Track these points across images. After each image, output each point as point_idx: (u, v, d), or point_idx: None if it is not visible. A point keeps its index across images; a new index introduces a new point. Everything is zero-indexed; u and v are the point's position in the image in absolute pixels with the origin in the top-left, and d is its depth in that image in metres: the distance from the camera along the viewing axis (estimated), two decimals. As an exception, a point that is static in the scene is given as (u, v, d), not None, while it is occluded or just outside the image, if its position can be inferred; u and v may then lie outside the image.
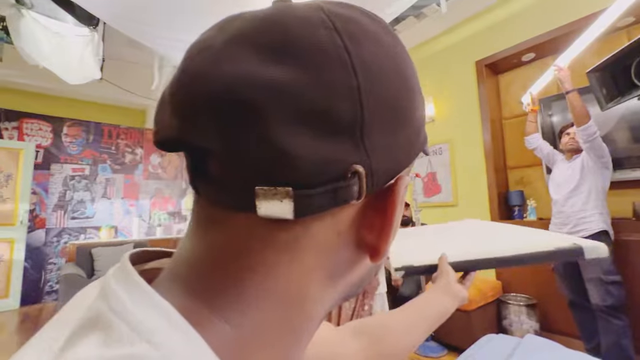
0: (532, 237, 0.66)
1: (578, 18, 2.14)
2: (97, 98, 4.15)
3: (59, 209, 3.84)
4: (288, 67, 0.16)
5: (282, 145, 0.15)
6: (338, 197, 0.16)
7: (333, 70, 0.16)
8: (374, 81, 0.17)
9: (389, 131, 0.18)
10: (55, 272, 3.73)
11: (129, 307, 0.16)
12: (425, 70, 3.14)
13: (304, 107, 0.16)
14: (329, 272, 0.20)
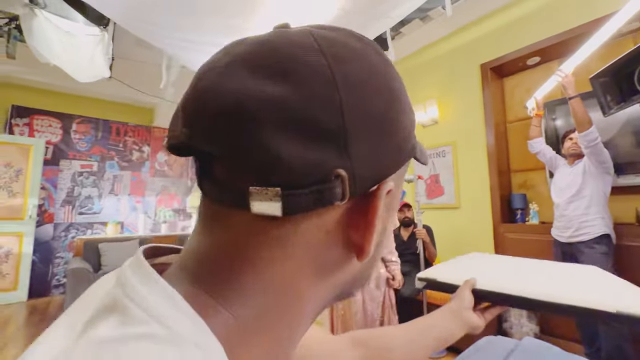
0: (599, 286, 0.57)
1: (584, 22, 2.13)
2: (106, 96, 4.22)
3: (67, 204, 3.91)
4: (280, 84, 0.19)
5: (274, 150, 0.18)
6: (323, 198, 0.18)
7: (317, 86, 0.19)
8: (356, 95, 0.20)
9: (373, 140, 0.20)
10: (63, 266, 3.81)
11: (143, 294, 0.18)
12: (430, 72, 3.14)
13: (293, 118, 0.18)
14: (319, 268, 0.22)
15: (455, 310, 0.50)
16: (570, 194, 1.82)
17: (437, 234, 2.76)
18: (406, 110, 0.23)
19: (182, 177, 4.83)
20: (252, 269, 0.20)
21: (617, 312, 0.43)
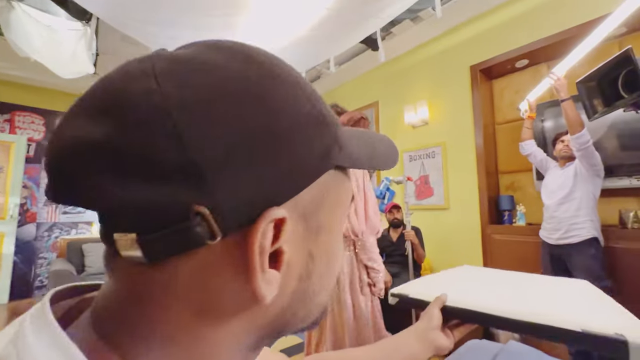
0: (574, 306, 0.55)
1: (572, 26, 2.15)
2: (91, 92, 4.10)
3: (50, 203, 3.81)
4: (106, 123, 0.16)
5: (117, 196, 0.16)
6: (188, 239, 0.16)
7: (146, 117, 0.16)
8: (202, 117, 0.16)
9: (242, 166, 0.17)
10: (46, 266, 3.71)
11: (35, 351, 0.16)
12: (420, 73, 3.15)
13: (125, 158, 0.16)
14: (215, 312, 0.19)
15: (421, 331, 0.50)
16: (561, 195, 1.83)
17: (426, 235, 2.77)
18: (302, 121, 0.20)
19: (170, 175, 4.75)
20: (148, 318, 0.18)
21: (582, 330, 0.41)
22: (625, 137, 1.97)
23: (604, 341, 0.39)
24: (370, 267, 1.33)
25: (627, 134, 1.96)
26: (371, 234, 1.36)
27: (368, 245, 1.34)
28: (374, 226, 1.36)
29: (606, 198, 2.01)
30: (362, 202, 1.34)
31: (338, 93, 4.21)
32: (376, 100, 3.59)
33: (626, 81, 1.33)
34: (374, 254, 1.35)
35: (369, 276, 1.33)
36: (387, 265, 2.57)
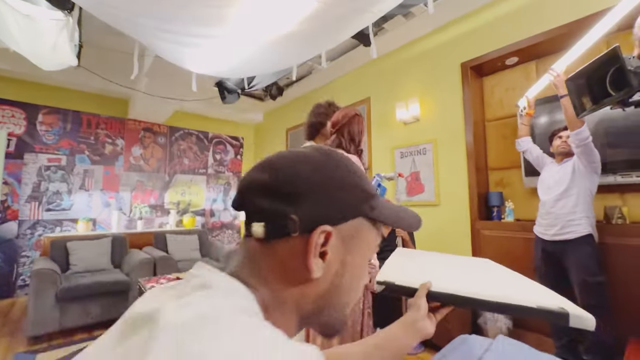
0: (526, 289, 0.65)
1: (560, 24, 2.18)
2: (76, 85, 3.97)
3: (33, 200, 3.69)
4: (265, 174, 0.37)
5: (259, 205, 0.37)
6: (284, 230, 0.35)
7: (282, 175, 0.37)
8: (303, 179, 0.37)
9: (313, 201, 0.36)
10: (29, 265, 3.59)
11: (219, 279, 0.34)
12: (412, 70, 3.14)
13: (269, 189, 0.36)
14: (292, 275, 0.36)
15: (410, 322, 0.55)
16: (558, 191, 1.83)
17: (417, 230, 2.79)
18: (346, 188, 0.39)
19: (159, 171, 4.66)
20: (262, 271, 0.36)
21: (537, 307, 0.53)
22: (611, 134, 2.00)
23: (551, 314, 0.53)
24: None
25: (613, 131, 1.99)
26: None
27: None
28: None
29: (592, 194, 2.06)
30: None
31: (330, 88, 4.18)
32: (368, 96, 3.58)
33: (614, 79, 1.34)
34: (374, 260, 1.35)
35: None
36: (378, 260, 2.58)
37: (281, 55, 2.16)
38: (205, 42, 1.94)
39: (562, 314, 0.52)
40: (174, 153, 4.83)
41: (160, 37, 2.00)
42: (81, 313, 2.47)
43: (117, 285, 2.61)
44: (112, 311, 2.60)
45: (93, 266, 2.93)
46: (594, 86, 1.39)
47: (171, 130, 4.83)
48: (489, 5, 2.58)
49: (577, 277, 1.71)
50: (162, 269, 2.94)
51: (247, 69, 2.46)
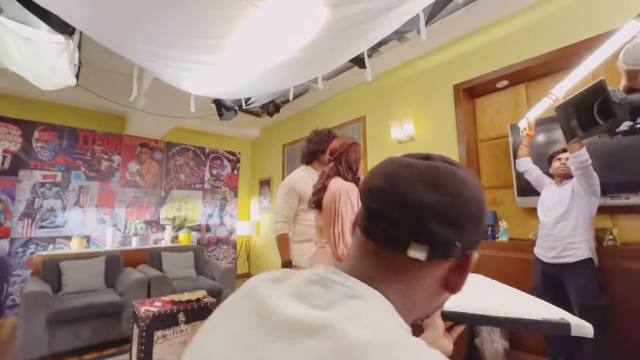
0: (527, 304, 0.70)
1: (549, 50, 2.26)
2: (73, 102, 3.99)
3: (26, 217, 3.65)
4: (438, 194, 0.37)
5: (431, 228, 0.36)
6: (447, 255, 0.37)
7: (456, 202, 0.37)
8: (469, 205, 0.38)
9: (471, 228, 0.38)
10: (20, 284, 3.52)
11: (370, 295, 0.36)
12: (406, 90, 3.22)
13: (442, 213, 0.36)
14: (430, 292, 0.40)
15: (431, 341, 0.56)
16: (558, 214, 1.84)
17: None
18: (483, 218, 0.41)
19: (155, 187, 4.64)
20: (400, 283, 0.38)
21: (543, 319, 0.58)
22: (601, 157, 2.05)
23: (556, 325, 0.58)
24: None
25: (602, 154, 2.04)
26: None
27: None
28: None
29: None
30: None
31: (326, 106, 4.25)
32: (363, 114, 3.64)
33: (600, 109, 1.38)
34: None
35: None
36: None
37: (278, 79, 2.21)
38: (204, 67, 1.98)
39: (565, 324, 0.57)
40: (170, 168, 4.83)
41: (159, 63, 2.04)
42: (72, 336, 2.42)
43: (110, 307, 2.57)
44: (104, 334, 2.55)
45: (86, 286, 2.88)
46: (582, 115, 1.43)
47: (168, 146, 4.85)
48: (480, 30, 2.67)
49: (577, 300, 1.71)
50: (156, 289, 2.90)
51: (245, 91, 2.50)
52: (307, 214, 1.80)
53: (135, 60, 2.13)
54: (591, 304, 1.67)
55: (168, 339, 2.02)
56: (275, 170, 5.15)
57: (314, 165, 1.91)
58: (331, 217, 1.36)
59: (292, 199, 1.77)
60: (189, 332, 2.11)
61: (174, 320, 2.06)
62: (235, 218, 5.49)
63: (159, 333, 1.98)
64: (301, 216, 1.80)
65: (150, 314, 1.97)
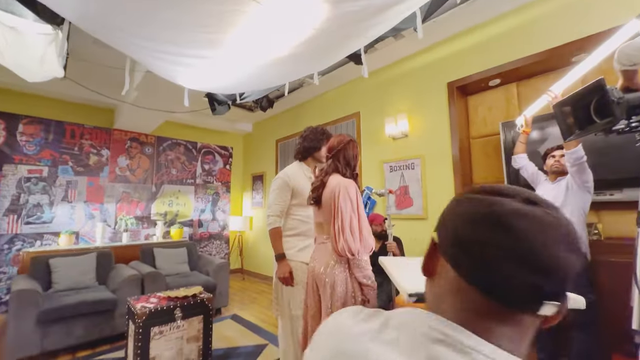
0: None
1: (541, 50, 2.31)
2: (60, 95, 3.87)
3: (11, 213, 3.54)
4: (578, 258, 0.36)
5: (567, 287, 0.35)
6: (560, 312, 0.36)
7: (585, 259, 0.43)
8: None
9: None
10: (6, 282, 3.43)
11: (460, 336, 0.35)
12: (401, 87, 3.24)
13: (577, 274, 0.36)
14: (528, 340, 0.38)
15: None
16: None
17: (406, 244, 2.86)
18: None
19: (145, 182, 4.56)
20: (515, 334, 0.37)
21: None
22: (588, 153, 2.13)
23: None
24: (365, 284, 1.34)
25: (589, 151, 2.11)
26: (365, 252, 1.37)
27: (363, 263, 1.35)
28: (368, 245, 1.38)
29: (569, 211, 2.18)
30: (357, 221, 1.36)
31: (320, 102, 4.24)
32: (357, 110, 3.66)
33: (597, 107, 1.40)
34: (368, 271, 1.36)
35: (363, 293, 1.35)
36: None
37: (275, 75, 2.20)
38: (201, 62, 1.95)
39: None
40: (161, 163, 4.75)
41: (154, 56, 1.99)
42: (64, 334, 2.38)
43: (103, 304, 2.53)
44: (97, 331, 2.52)
45: (77, 284, 2.83)
46: (579, 113, 1.45)
47: (159, 141, 4.76)
48: (475, 29, 2.71)
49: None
50: (150, 285, 2.88)
51: (240, 87, 2.48)
52: (299, 209, 1.82)
53: (128, 52, 2.07)
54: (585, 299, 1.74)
55: (165, 335, 2.01)
56: (268, 166, 5.13)
57: (308, 162, 1.94)
58: (331, 214, 1.38)
59: (286, 194, 1.79)
60: (185, 328, 2.11)
61: (171, 316, 2.05)
62: (228, 213, 5.46)
63: (156, 329, 1.98)
64: (293, 210, 1.82)
65: (146, 310, 1.96)
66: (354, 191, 1.40)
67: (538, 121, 2.35)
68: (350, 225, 1.34)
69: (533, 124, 2.37)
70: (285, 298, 1.73)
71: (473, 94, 2.90)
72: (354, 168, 1.50)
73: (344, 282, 1.35)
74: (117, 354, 2.40)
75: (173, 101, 3.45)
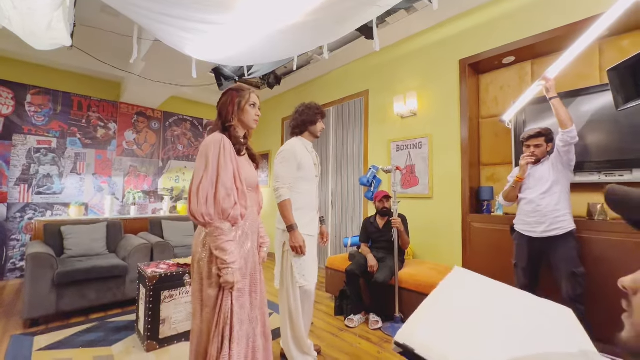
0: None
1: (558, 26, 2.24)
2: (66, 66, 3.85)
3: (22, 182, 3.61)
4: None
5: None
6: None
7: None
8: None
9: None
10: (19, 249, 3.55)
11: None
12: (411, 64, 3.18)
13: None
14: None
15: None
16: (543, 189, 1.90)
17: (410, 222, 2.88)
18: None
19: (152, 157, 4.60)
20: None
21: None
22: (598, 133, 2.11)
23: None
24: (218, 257, 1.15)
25: (602, 130, 2.09)
26: (222, 219, 1.17)
27: (217, 232, 1.15)
28: (225, 211, 1.16)
29: (576, 192, 2.18)
30: (209, 183, 1.16)
31: (326, 80, 4.18)
32: (366, 89, 3.61)
33: None
34: (222, 242, 1.15)
35: (218, 268, 1.16)
36: (374, 250, 2.67)
37: (285, 45, 2.16)
38: (210, 28, 1.92)
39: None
40: (167, 139, 4.76)
41: (162, 21, 1.96)
42: (78, 297, 2.48)
43: (115, 269, 2.62)
44: (109, 295, 2.62)
45: (88, 251, 2.92)
46: (639, 78, 1.27)
47: (165, 116, 4.75)
48: (489, 4, 2.62)
49: (565, 270, 1.81)
50: (159, 255, 2.96)
51: (249, 58, 2.44)
52: (300, 182, 1.83)
53: (135, 19, 2.04)
54: (577, 272, 1.78)
55: (175, 299, 2.09)
56: (274, 144, 5.13)
57: (305, 135, 1.95)
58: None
59: (292, 165, 1.80)
60: (194, 293, 2.18)
61: (181, 281, 2.12)
62: (233, 191, 5.51)
63: (166, 293, 2.05)
64: (294, 184, 1.82)
65: (157, 275, 2.03)
66: (214, 147, 1.20)
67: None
68: (199, 187, 1.15)
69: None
70: (293, 269, 1.76)
71: (485, 73, 2.83)
72: (226, 118, 1.32)
73: (198, 252, 1.22)
74: (128, 317, 2.51)
75: (180, 74, 3.42)
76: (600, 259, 1.95)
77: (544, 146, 1.96)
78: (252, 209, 1.35)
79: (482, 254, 2.56)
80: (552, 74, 1.82)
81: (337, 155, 3.97)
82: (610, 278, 1.90)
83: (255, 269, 1.34)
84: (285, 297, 1.80)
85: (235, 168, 1.23)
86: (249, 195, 1.34)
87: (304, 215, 1.81)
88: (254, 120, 1.38)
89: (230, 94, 1.34)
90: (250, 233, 1.33)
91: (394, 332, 2.27)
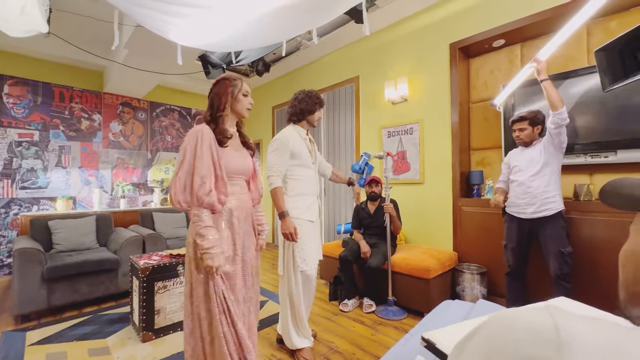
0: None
1: (548, 8, 2.23)
2: (44, 55, 3.68)
3: (5, 177, 3.50)
4: None
5: None
6: None
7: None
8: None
9: None
10: (6, 245, 3.47)
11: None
12: (401, 49, 3.14)
13: None
14: None
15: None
16: (534, 171, 1.94)
17: (402, 207, 2.91)
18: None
19: (140, 148, 4.50)
20: None
21: None
22: (585, 115, 2.14)
23: None
24: (198, 243, 1.18)
25: (589, 112, 2.12)
26: (198, 206, 1.20)
27: (195, 218, 1.20)
28: (200, 198, 1.19)
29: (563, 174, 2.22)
30: (185, 172, 1.21)
31: (317, 66, 4.12)
32: (356, 75, 3.57)
33: None
34: (200, 228, 1.19)
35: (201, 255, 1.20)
36: (366, 236, 2.70)
37: (273, 29, 2.11)
38: (194, 11, 1.85)
39: None
40: (155, 130, 4.66)
41: (142, 4, 1.88)
42: (70, 291, 2.45)
43: (106, 263, 2.59)
44: (101, 289, 2.60)
45: (78, 245, 2.87)
46: (625, 58, 1.28)
47: (152, 106, 4.63)
48: (480, -15, 2.59)
49: (553, 249, 1.87)
50: (151, 247, 2.93)
51: (236, 43, 2.37)
52: (298, 169, 1.84)
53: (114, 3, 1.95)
54: (565, 251, 1.84)
55: (169, 290, 2.08)
56: (264, 133, 5.07)
57: (302, 124, 1.94)
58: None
59: (285, 154, 1.79)
60: (188, 283, 2.18)
61: (174, 272, 2.11)
62: (225, 182, 5.46)
63: (160, 284, 2.04)
64: (293, 171, 1.83)
65: (149, 266, 2.01)
66: (192, 138, 1.23)
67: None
68: (177, 175, 1.21)
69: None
70: (294, 253, 1.76)
71: (475, 56, 2.82)
72: (218, 107, 1.33)
73: (190, 238, 1.27)
74: (122, 310, 2.50)
75: (165, 62, 3.31)
76: (586, 238, 2.01)
77: (528, 129, 1.99)
78: (240, 196, 1.37)
79: (472, 236, 2.61)
80: (543, 56, 1.82)
81: (328, 142, 3.95)
82: (596, 256, 1.97)
83: (247, 254, 1.38)
84: (286, 282, 1.81)
85: (215, 156, 1.25)
86: (237, 182, 1.37)
87: (303, 201, 1.82)
88: (247, 109, 1.41)
89: (224, 83, 1.35)
90: (242, 218, 1.36)
91: (388, 314, 2.32)
